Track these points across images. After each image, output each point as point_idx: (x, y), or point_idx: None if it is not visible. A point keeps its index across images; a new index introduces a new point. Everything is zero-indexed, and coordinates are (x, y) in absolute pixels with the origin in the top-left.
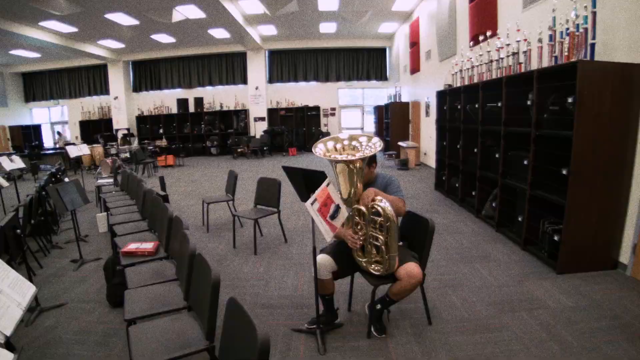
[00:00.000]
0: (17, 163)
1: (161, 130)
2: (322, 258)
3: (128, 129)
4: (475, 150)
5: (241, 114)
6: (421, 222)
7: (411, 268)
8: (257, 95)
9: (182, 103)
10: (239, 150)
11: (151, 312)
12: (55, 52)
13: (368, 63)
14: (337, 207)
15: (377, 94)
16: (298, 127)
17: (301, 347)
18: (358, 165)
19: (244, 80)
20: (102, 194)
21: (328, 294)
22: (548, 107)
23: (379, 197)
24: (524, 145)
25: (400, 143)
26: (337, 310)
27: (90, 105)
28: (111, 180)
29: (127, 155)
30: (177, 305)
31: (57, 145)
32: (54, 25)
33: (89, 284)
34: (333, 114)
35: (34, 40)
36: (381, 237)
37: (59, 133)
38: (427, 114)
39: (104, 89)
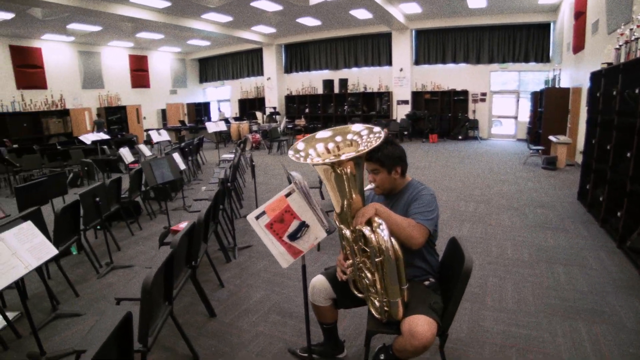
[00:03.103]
0: (164, 136)
1: (307, 110)
2: (317, 280)
3: (274, 108)
4: (629, 154)
5: (384, 96)
6: (456, 258)
7: (417, 324)
8: (401, 77)
9: (328, 84)
10: None
11: (137, 297)
12: (220, 40)
13: (527, 42)
14: (302, 225)
15: (538, 77)
16: (443, 113)
17: None
18: (348, 168)
19: (389, 62)
20: (217, 168)
21: (327, 323)
22: None
23: (378, 219)
24: None
25: (550, 137)
26: (344, 342)
27: (247, 85)
28: (232, 155)
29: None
30: None
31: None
32: (213, 16)
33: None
34: (483, 100)
35: (201, 31)
36: (369, 275)
37: (219, 110)
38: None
39: (259, 71)
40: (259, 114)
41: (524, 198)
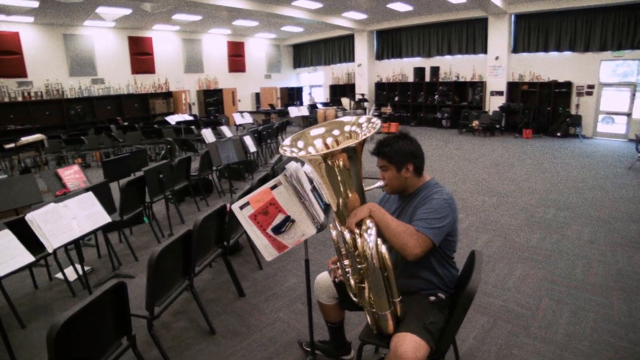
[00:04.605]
0: (246, 119)
1: (396, 98)
2: (321, 278)
3: (363, 95)
4: None
5: (477, 87)
6: (470, 275)
7: (402, 344)
8: (496, 67)
9: (419, 72)
10: (469, 125)
11: None
12: (313, 26)
13: None
14: (287, 220)
15: None
16: (541, 105)
17: None
18: (341, 162)
19: (485, 50)
20: None
21: (331, 322)
22: None
23: (370, 222)
24: None
25: None
26: (351, 344)
27: (339, 71)
28: None
29: None
30: None
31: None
32: (303, 3)
33: None
34: (590, 93)
35: (292, 18)
36: (352, 282)
37: (310, 95)
38: None
39: (350, 57)
40: (344, 100)
41: (617, 209)
